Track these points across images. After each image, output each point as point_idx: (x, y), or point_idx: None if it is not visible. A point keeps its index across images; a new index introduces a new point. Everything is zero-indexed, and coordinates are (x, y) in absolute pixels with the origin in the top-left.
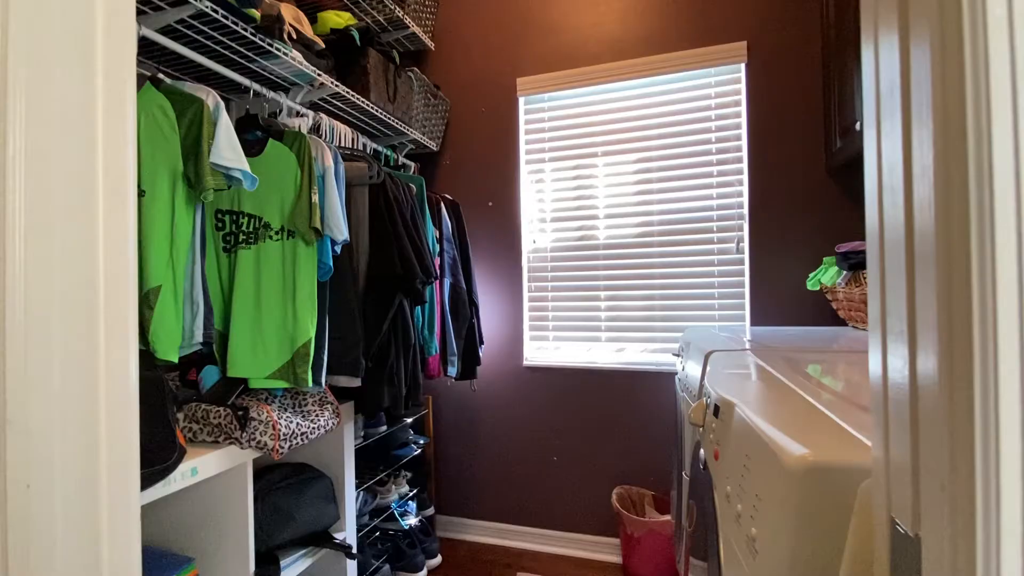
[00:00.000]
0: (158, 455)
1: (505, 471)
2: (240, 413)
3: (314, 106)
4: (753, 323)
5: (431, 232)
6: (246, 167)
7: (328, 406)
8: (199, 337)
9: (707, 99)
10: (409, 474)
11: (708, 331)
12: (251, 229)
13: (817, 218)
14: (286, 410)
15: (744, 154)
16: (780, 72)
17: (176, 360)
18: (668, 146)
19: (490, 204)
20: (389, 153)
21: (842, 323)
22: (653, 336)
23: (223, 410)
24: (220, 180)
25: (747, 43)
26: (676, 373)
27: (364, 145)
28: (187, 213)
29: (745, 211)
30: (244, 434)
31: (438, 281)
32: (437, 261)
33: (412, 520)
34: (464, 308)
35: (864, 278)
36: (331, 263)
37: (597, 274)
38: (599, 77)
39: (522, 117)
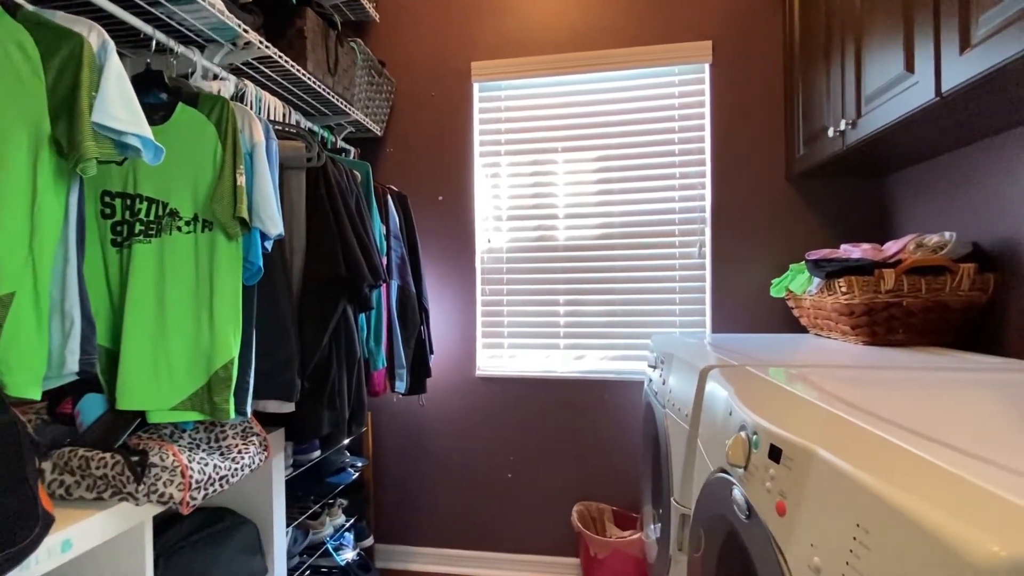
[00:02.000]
0: (8, 533)
1: (455, 492)
2: (135, 459)
3: (237, 71)
4: (713, 329)
5: (378, 227)
6: (147, 132)
7: (254, 439)
8: (73, 365)
9: (671, 98)
10: (345, 502)
11: (682, 341)
12: (152, 217)
13: (778, 224)
14: (199, 448)
15: (707, 156)
16: (744, 75)
17: (38, 396)
18: (630, 145)
19: (440, 199)
20: (327, 134)
21: (803, 330)
22: (613, 343)
23: (111, 456)
24: (108, 148)
25: (712, 43)
26: (646, 383)
27: (297, 123)
28: (56, 192)
29: (707, 215)
30: (141, 486)
31: (385, 284)
32: (384, 261)
33: (349, 554)
34: (414, 314)
35: (838, 286)
36: (261, 262)
37: (556, 277)
38: (560, 67)
39: (476, 105)
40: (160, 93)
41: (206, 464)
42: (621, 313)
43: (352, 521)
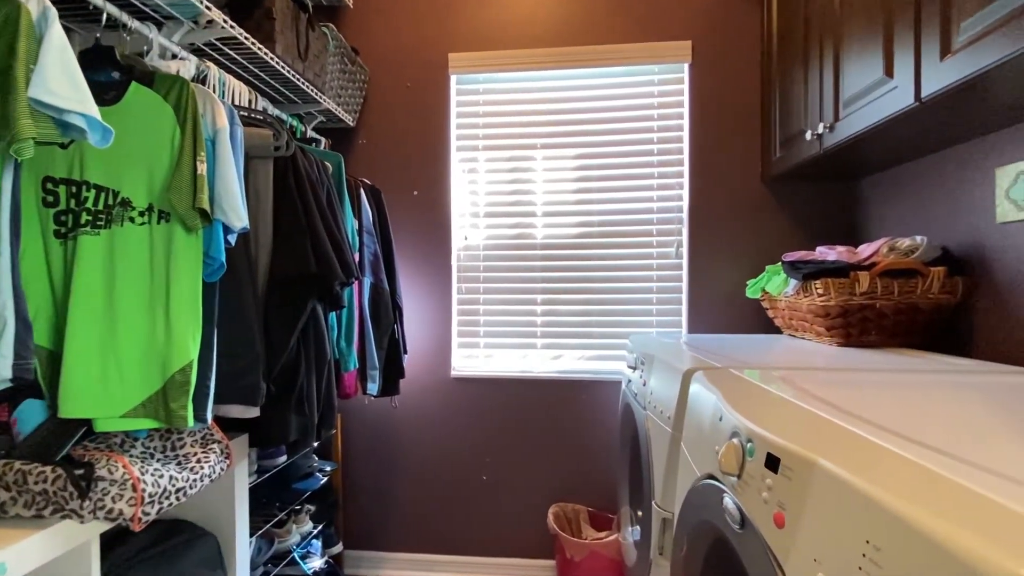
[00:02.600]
0: None
1: (427, 495)
2: (79, 472)
3: (198, 52)
4: (689, 329)
5: (351, 222)
6: (93, 111)
7: (215, 446)
8: (4, 371)
9: (650, 97)
10: (312, 508)
11: (661, 341)
12: (101, 207)
13: (754, 226)
14: (152, 458)
15: (685, 157)
16: (723, 76)
17: None
18: (610, 143)
19: (415, 193)
20: (296, 123)
21: (776, 330)
22: (591, 343)
23: (51, 470)
24: (47, 128)
25: (692, 43)
26: (624, 383)
27: (264, 110)
28: None
29: (685, 215)
30: (86, 503)
31: (357, 281)
32: (356, 257)
33: (317, 563)
34: (387, 313)
35: (814, 288)
36: (223, 257)
37: (534, 276)
38: (540, 62)
39: (454, 98)
40: (111, 71)
41: (161, 475)
42: (599, 313)
43: (320, 528)
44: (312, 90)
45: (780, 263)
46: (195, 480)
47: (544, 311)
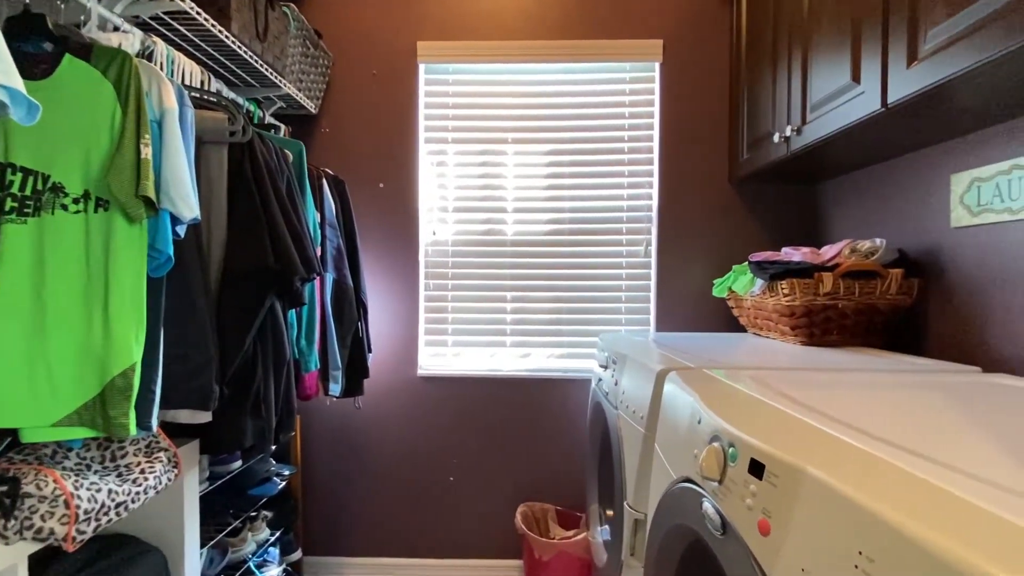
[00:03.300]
0: None
1: (392, 498)
2: (3, 489)
3: (144, 26)
4: (657, 328)
5: (312, 214)
6: (16, 84)
7: (161, 454)
8: None
9: (622, 95)
10: (269, 514)
11: (632, 340)
12: (28, 192)
13: (720, 226)
14: (89, 471)
15: (655, 156)
16: (693, 77)
17: None
18: (581, 140)
19: (381, 186)
20: (253, 108)
21: (741, 329)
22: (560, 341)
23: None
24: None
25: (663, 42)
26: (594, 382)
27: (218, 92)
28: None
29: (654, 214)
30: (11, 522)
31: (319, 277)
32: (318, 251)
33: (274, 571)
34: (351, 310)
35: (780, 288)
36: (171, 251)
37: (504, 272)
38: (511, 55)
39: (422, 88)
40: (42, 42)
41: (98, 490)
42: (568, 311)
43: (278, 534)
44: (271, 73)
45: (747, 263)
46: (138, 493)
47: (514, 308)
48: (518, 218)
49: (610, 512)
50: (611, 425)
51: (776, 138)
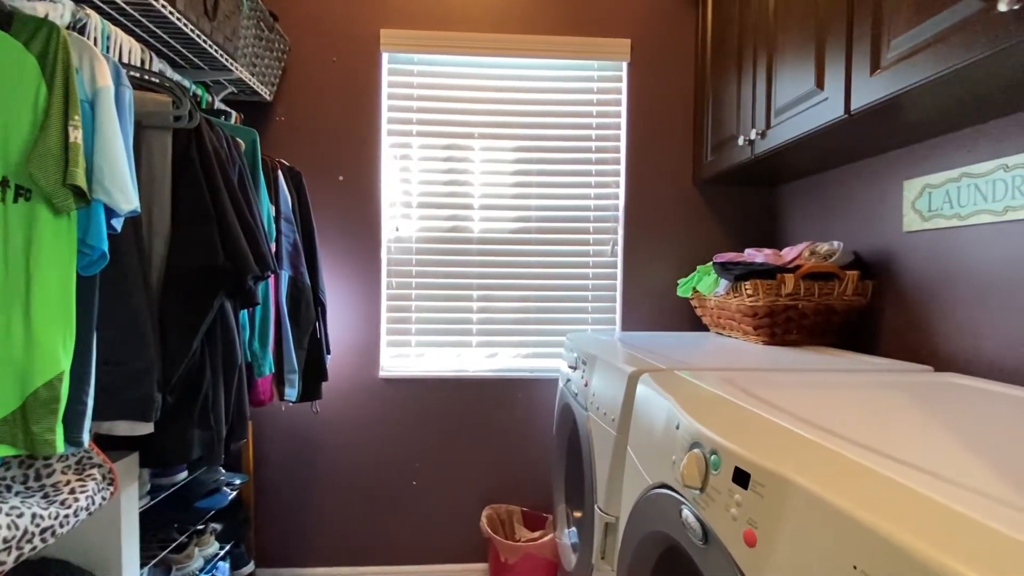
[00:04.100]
0: None
1: (351, 505)
2: None
3: None
4: (622, 327)
5: (267, 207)
6: None
7: (94, 471)
8: None
9: (589, 93)
10: (219, 527)
11: (598, 339)
12: None
13: (685, 227)
14: (10, 492)
15: (622, 156)
16: (659, 78)
17: None
18: (549, 138)
19: (341, 178)
20: (201, 91)
21: (704, 328)
22: (527, 340)
23: None
24: None
25: (631, 42)
26: (562, 382)
27: (161, 72)
28: None
29: (621, 214)
30: None
31: (274, 275)
32: (273, 247)
33: None
34: (308, 310)
35: (744, 289)
36: (105, 246)
37: (470, 271)
38: (479, 47)
39: (385, 78)
40: None
41: (20, 514)
42: (535, 310)
43: (228, 548)
44: (221, 55)
45: (711, 263)
46: (67, 516)
47: (480, 308)
48: (484, 215)
49: (578, 513)
50: (581, 427)
51: (741, 141)
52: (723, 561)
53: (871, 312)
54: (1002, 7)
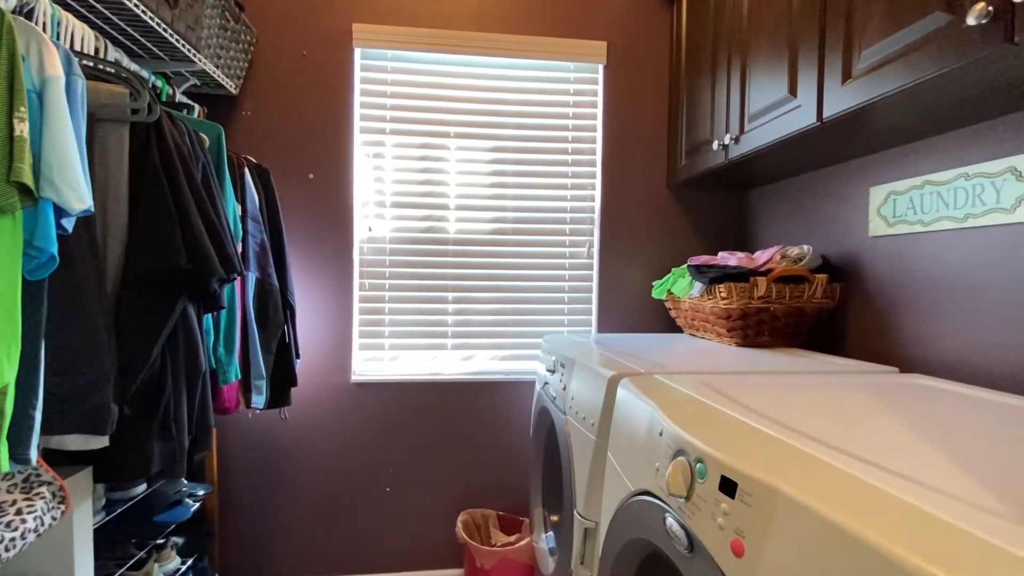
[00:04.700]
0: None
1: (322, 514)
2: None
3: None
4: (598, 329)
5: (232, 206)
6: None
7: (43, 489)
8: None
9: (566, 95)
10: (180, 540)
11: (575, 341)
12: None
13: (659, 230)
14: None
15: (598, 158)
16: (635, 81)
17: None
18: (525, 139)
19: (311, 176)
20: (161, 83)
21: (678, 330)
22: (503, 342)
23: None
24: None
25: (607, 45)
26: (539, 385)
27: (117, 62)
28: None
29: (596, 216)
30: None
31: (240, 277)
32: (239, 248)
33: None
34: (276, 313)
35: (718, 291)
36: (55, 248)
37: (446, 272)
38: (455, 45)
39: (358, 74)
40: None
41: None
42: (512, 312)
43: (190, 562)
44: (183, 45)
45: (686, 266)
46: (13, 539)
47: (456, 310)
48: (460, 216)
49: (555, 517)
50: (559, 431)
51: (715, 146)
52: (710, 570)
53: (839, 314)
54: (970, 21)
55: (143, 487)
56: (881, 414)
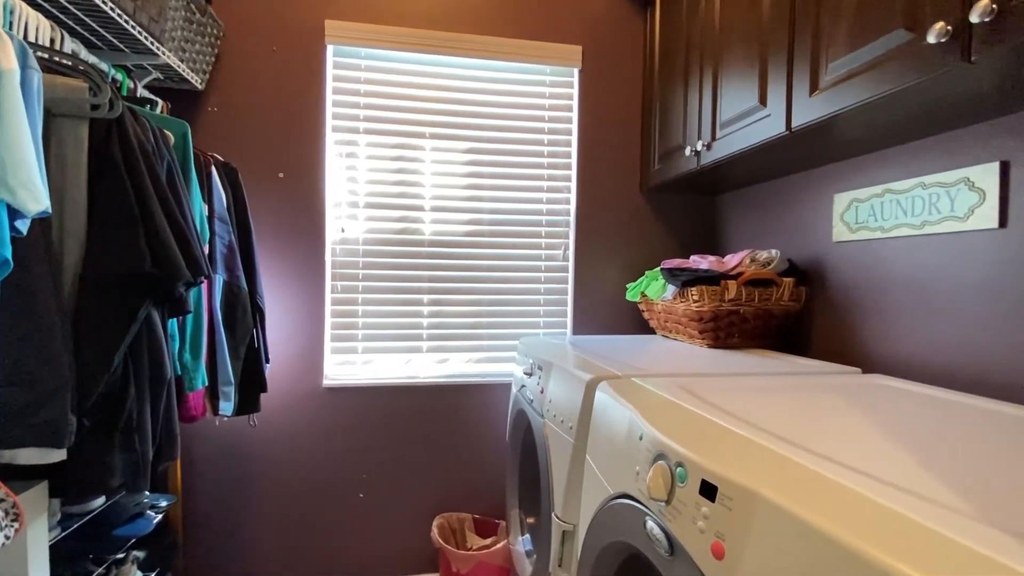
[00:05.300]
0: None
1: (293, 523)
2: None
3: None
4: (573, 331)
5: (199, 206)
6: None
7: None
8: None
9: (542, 98)
10: (141, 554)
11: (550, 343)
12: None
13: (633, 233)
14: None
15: (573, 161)
16: (609, 85)
17: None
18: (501, 140)
19: (281, 175)
20: (121, 76)
21: (651, 331)
22: (479, 344)
23: None
24: None
25: (583, 49)
26: (516, 387)
27: (75, 54)
28: None
29: (572, 219)
30: None
31: (207, 280)
32: (206, 249)
33: None
34: (245, 317)
35: (691, 294)
36: (8, 252)
37: (421, 274)
38: (430, 45)
39: (330, 72)
40: None
41: None
42: (488, 314)
43: (155, 575)
44: (146, 37)
45: (659, 269)
46: None
47: (431, 312)
48: (436, 217)
49: (531, 519)
50: (537, 434)
51: (688, 151)
52: (690, 573)
53: (805, 316)
54: (930, 39)
55: (101, 500)
56: (850, 415)
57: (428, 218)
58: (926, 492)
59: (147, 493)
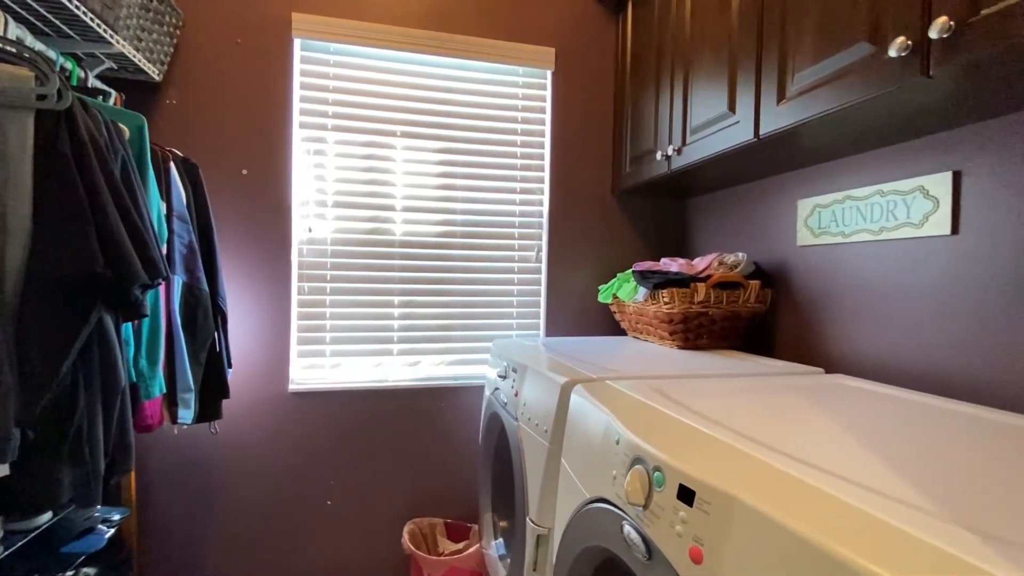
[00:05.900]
0: None
1: (257, 533)
2: None
3: None
4: (546, 332)
5: (156, 204)
6: None
7: None
8: None
9: (515, 99)
10: (93, 571)
11: (523, 345)
12: None
13: (604, 235)
14: None
15: (546, 163)
16: (582, 88)
17: None
18: (474, 141)
19: (244, 172)
20: (70, 64)
21: (622, 332)
22: (451, 347)
23: None
24: None
25: (556, 51)
26: (489, 390)
27: (20, 40)
28: None
29: (545, 221)
30: None
31: (165, 281)
32: (164, 249)
33: None
34: (206, 319)
35: (661, 296)
36: None
37: (392, 275)
38: (401, 42)
39: (297, 66)
40: None
41: None
42: (460, 316)
43: None
44: (98, 24)
45: (631, 271)
46: None
47: (402, 314)
48: (407, 217)
49: (505, 523)
50: (511, 437)
51: (659, 156)
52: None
53: (770, 318)
54: (891, 53)
55: (48, 515)
56: (818, 416)
57: (399, 218)
58: (895, 492)
59: (98, 507)
